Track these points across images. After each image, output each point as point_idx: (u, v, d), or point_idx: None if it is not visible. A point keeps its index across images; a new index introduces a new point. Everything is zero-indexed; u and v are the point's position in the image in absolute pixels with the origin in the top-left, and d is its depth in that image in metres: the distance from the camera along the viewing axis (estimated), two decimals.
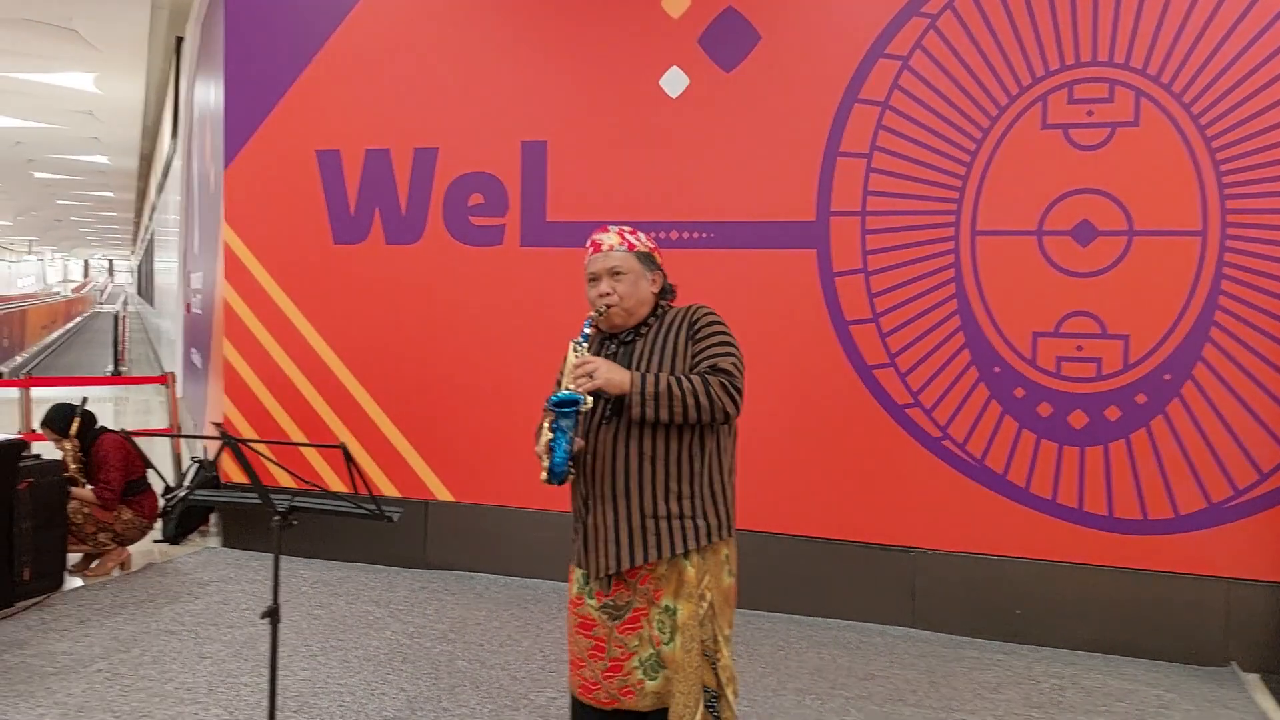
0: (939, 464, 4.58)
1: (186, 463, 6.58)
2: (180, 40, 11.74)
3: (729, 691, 2.47)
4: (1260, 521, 4.18)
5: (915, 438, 4.62)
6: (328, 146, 5.55)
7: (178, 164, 12.42)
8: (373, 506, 2.69)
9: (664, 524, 2.41)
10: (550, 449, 2.34)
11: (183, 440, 7.70)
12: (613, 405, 2.41)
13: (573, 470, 2.44)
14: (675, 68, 4.96)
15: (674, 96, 4.97)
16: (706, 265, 4.91)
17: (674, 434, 2.41)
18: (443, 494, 5.43)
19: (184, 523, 5.91)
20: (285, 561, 5.49)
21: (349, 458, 2.67)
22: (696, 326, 2.48)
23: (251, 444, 2.82)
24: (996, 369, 4.50)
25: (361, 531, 5.44)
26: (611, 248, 2.53)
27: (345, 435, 5.56)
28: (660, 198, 4.99)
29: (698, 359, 2.42)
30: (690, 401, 2.33)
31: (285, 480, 4.07)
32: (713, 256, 4.91)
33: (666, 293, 2.60)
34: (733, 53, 4.87)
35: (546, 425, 2.36)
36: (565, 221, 5.14)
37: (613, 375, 2.34)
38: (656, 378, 2.36)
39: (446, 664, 4.10)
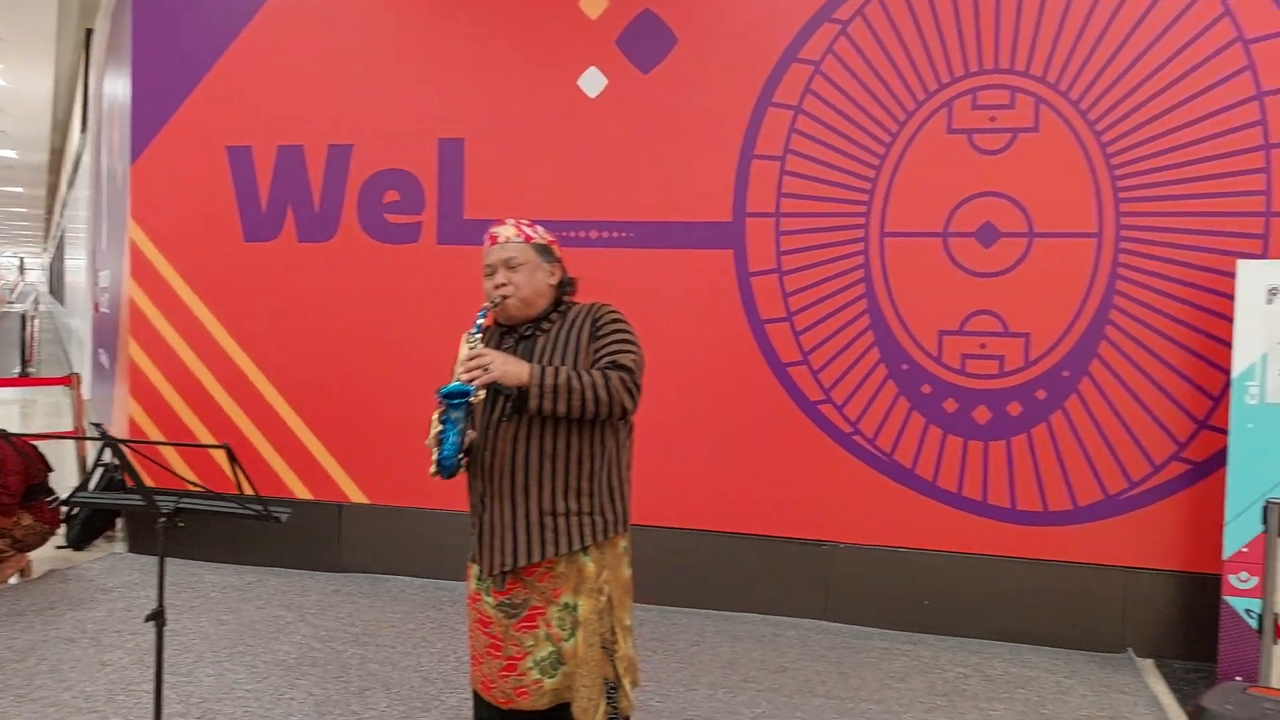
0: (850, 459, 4.67)
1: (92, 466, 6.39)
2: (90, 32, 11.39)
3: (626, 682, 2.48)
4: (1154, 512, 4.35)
5: (827, 433, 4.70)
6: (239, 142, 5.44)
7: (87, 159, 12.06)
8: (260, 507, 2.65)
9: (562, 521, 2.40)
10: (439, 441, 2.32)
11: (88, 443, 7.46)
12: (513, 403, 2.39)
13: (464, 463, 2.41)
14: (593, 68, 4.98)
15: (592, 96, 4.99)
16: (625, 265, 4.94)
17: (574, 431, 2.40)
18: (357, 496, 5.36)
19: (89, 528, 5.74)
20: (193, 566, 5.40)
21: (233, 458, 2.62)
22: (599, 324, 2.46)
23: (132, 444, 2.75)
24: (904, 366, 4.60)
25: (273, 535, 5.32)
26: (508, 239, 2.49)
27: (257, 437, 5.46)
28: (579, 197, 5.00)
29: (599, 355, 2.41)
30: (590, 395, 2.32)
31: (198, 483, 3.98)
32: (631, 256, 4.94)
33: (566, 287, 2.56)
34: (650, 54, 4.91)
35: (436, 416, 2.33)
36: (483, 219, 5.11)
37: (509, 367, 2.30)
38: (556, 370, 2.34)
39: (358, 667, 4.05)
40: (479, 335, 2.41)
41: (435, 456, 2.33)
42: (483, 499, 2.48)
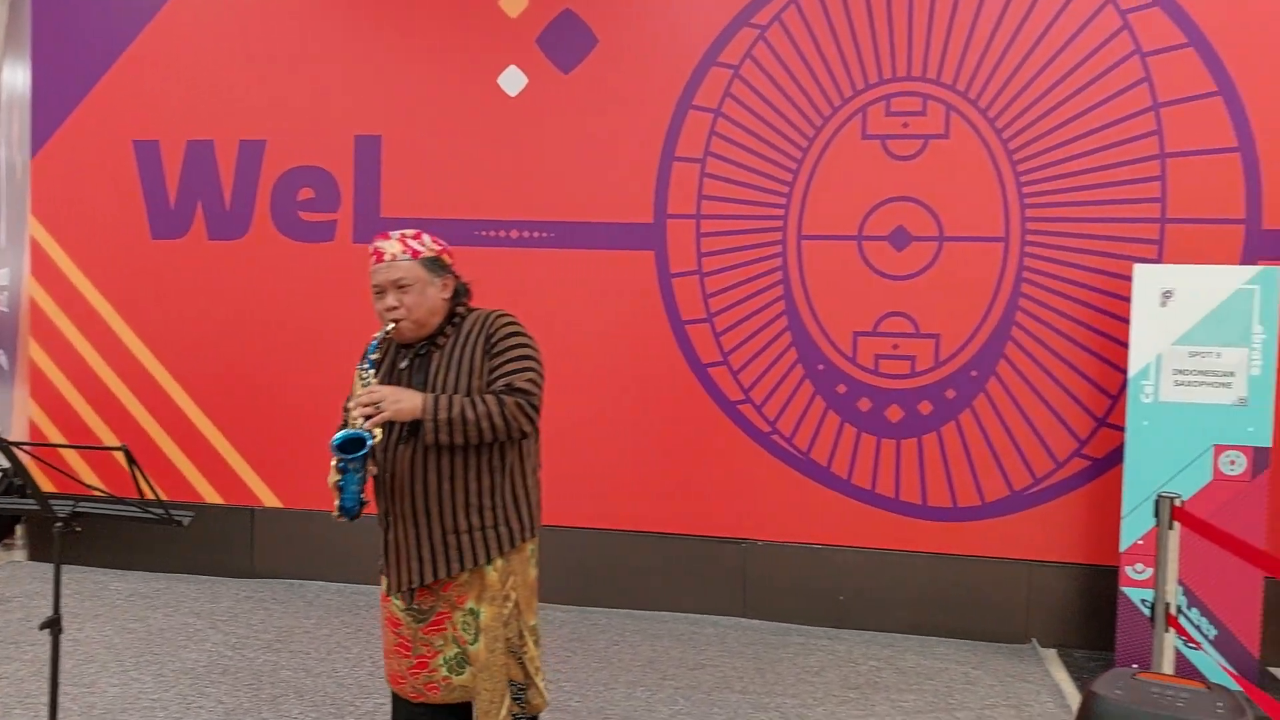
0: (768, 458, 4.74)
1: None
2: None
3: (539, 680, 2.51)
4: (1057, 507, 4.51)
5: (746, 433, 4.76)
6: (146, 136, 5.28)
7: None
8: (161, 510, 2.58)
9: (465, 538, 2.40)
10: (340, 489, 2.30)
11: None
12: (409, 425, 2.37)
13: (366, 501, 2.39)
14: (514, 67, 4.96)
15: (512, 95, 4.97)
16: (546, 265, 4.93)
17: (471, 451, 2.38)
18: (270, 500, 5.24)
19: None
20: (98, 574, 5.23)
21: (131, 459, 2.55)
22: (494, 339, 2.39)
23: (23, 446, 2.66)
24: (821, 366, 4.69)
25: (183, 541, 5.21)
26: (394, 257, 2.40)
27: (166, 442, 5.30)
28: (499, 196, 4.98)
29: (494, 375, 2.36)
30: (485, 425, 2.29)
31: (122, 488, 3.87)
32: (553, 256, 4.93)
33: (461, 295, 2.50)
34: (571, 54, 4.91)
35: (334, 465, 2.29)
36: (401, 218, 5.06)
37: (402, 405, 2.26)
38: (450, 401, 2.29)
39: (270, 674, 3.96)
40: (371, 370, 2.38)
41: (336, 502, 2.32)
42: (387, 517, 2.49)
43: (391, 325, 2.40)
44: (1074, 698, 3.94)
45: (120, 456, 2.56)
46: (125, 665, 4.01)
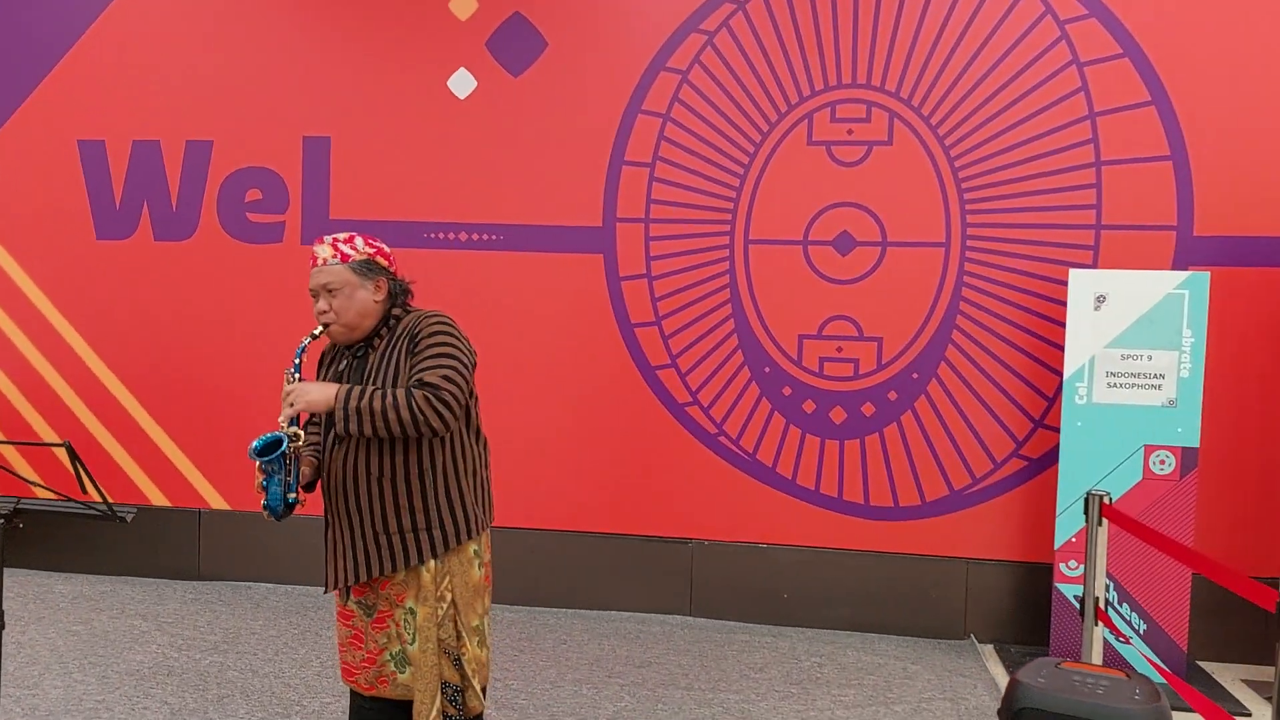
0: (715, 459, 4.81)
1: None
2: None
3: (475, 682, 2.52)
4: (995, 506, 4.63)
5: (694, 434, 4.83)
6: (91, 136, 5.23)
7: None
8: (104, 506, 2.59)
9: (397, 539, 2.42)
10: (263, 489, 2.37)
11: None
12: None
13: (302, 500, 2.45)
14: (463, 69, 4.98)
15: (462, 98, 4.99)
16: (496, 267, 4.96)
17: (399, 451, 2.40)
18: (217, 502, 5.22)
19: None
20: (42, 576, 5.18)
21: (74, 455, 2.56)
22: (418, 339, 2.41)
23: None
24: (767, 369, 4.77)
25: (129, 543, 5.18)
26: (325, 261, 2.43)
27: (111, 444, 5.26)
28: (449, 198, 5.00)
29: (413, 371, 2.38)
30: (392, 416, 2.30)
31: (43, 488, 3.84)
32: (502, 259, 4.96)
33: (397, 296, 2.52)
34: (521, 58, 4.94)
35: (258, 467, 2.36)
36: (350, 220, 5.06)
37: (313, 396, 2.33)
38: (362, 392, 2.33)
39: (216, 675, 3.96)
40: (296, 374, 2.44)
41: (262, 503, 2.39)
42: (326, 515, 2.55)
43: (320, 329, 2.46)
44: None
45: (62, 452, 2.57)
46: (69, 667, 3.98)
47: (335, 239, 2.48)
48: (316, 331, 2.47)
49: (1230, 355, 4.44)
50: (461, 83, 4.98)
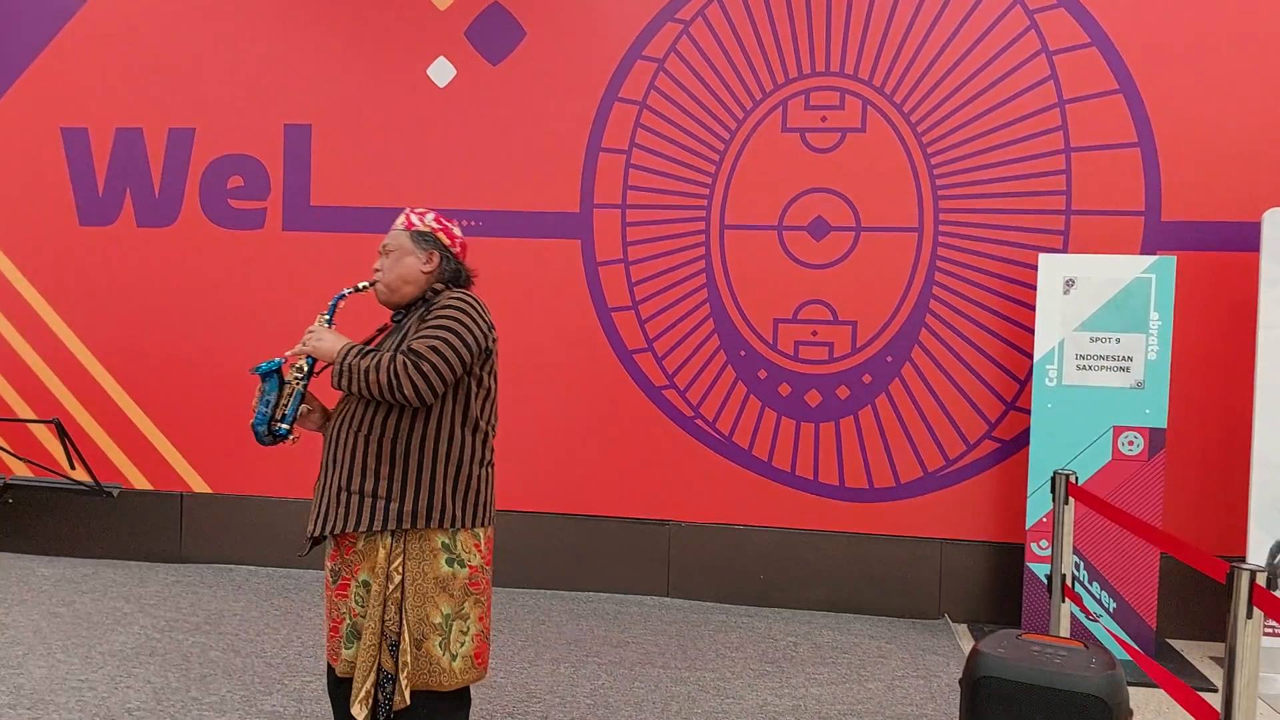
0: (692, 441, 4.87)
1: None
2: None
3: (402, 677, 2.41)
4: (968, 487, 4.70)
5: (670, 417, 4.89)
6: (74, 124, 5.26)
7: None
8: (91, 483, 2.64)
9: (354, 499, 2.41)
10: (253, 408, 2.51)
11: None
12: None
13: (290, 434, 2.52)
14: (442, 58, 5.03)
15: (441, 86, 5.03)
16: (475, 253, 4.93)
17: (382, 414, 2.42)
18: (199, 485, 5.27)
19: None
20: (25, 559, 5.22)
21: (63, 432, 2.61)
22: (431, 311, 2.45)
23: None
24: (742, 353, 4.83)
25: (111, 526, 5.22)
26: (394, 226, 2.60)
27: (94, 428, 5.30)
28: (428, 185, 5.04)
29: (414, 339, 2.41)
30: (371, 378, 2.34)
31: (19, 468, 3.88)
32: (481, 245, 5.01)
33: (447, 275, 2.57)
34: (499, 47, 4.99)
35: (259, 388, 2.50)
36: (330, 206, 5.11)
37: (321, 344, 2.45)
38: (360, 350, 2.40)
39: (199, 655, 4.01)
40: (326, 317, 2.55)
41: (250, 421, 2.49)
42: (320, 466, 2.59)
43: (365, 284, 2.59)
44: None
45: (52, 429, 2.63)
46: (52, 648, 4.02)
47: (413, 209, 2.62)
48: (361, 284, 2.59)
49: (1196, 338, 4.53)
50: (441, 71, 5.02)
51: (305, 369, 2.52)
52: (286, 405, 2.50)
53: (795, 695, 3.81)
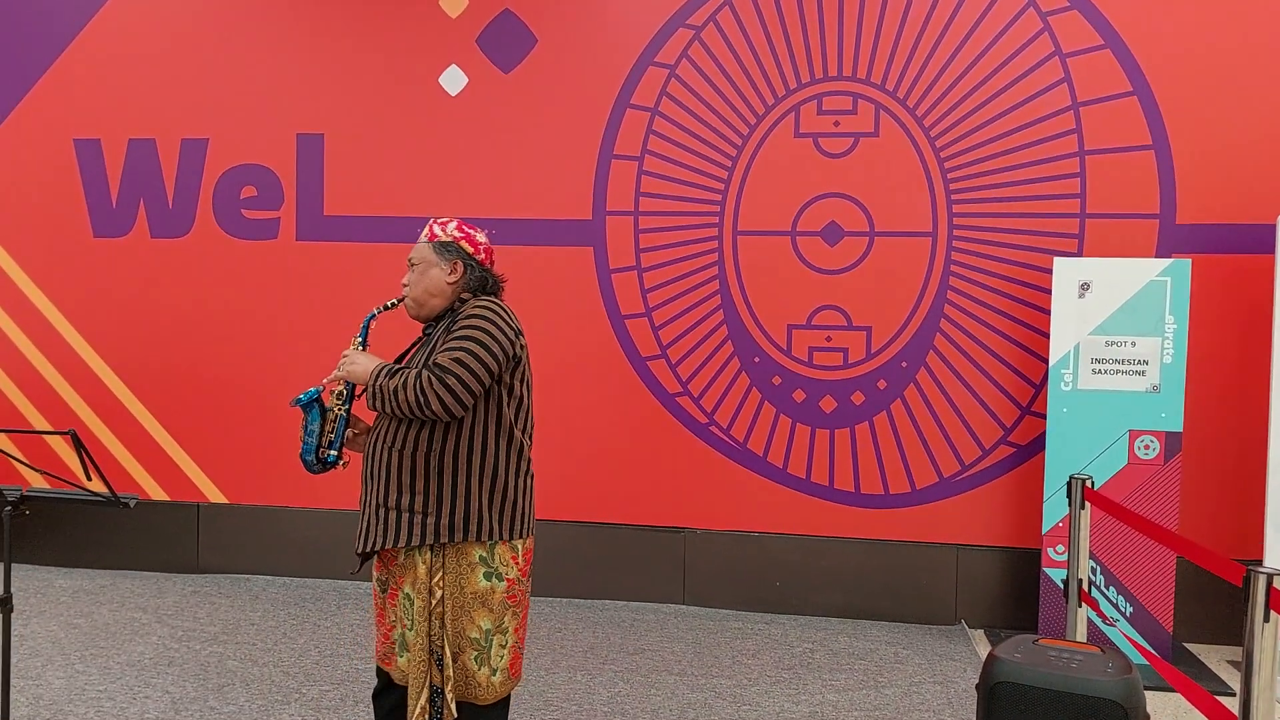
0: (706, 448, 4.87)
1: None
2: None
3: (448, 690, 2.44)
4: (984, 492, 4.69)
5: (685, 424, 4.89)
6: (87, 135, 5.29)
7: None
8: (108, 493, 2.65)
9: (392, 515, 2.43)
10: (302, 441, 2.53)
11: None
12: None
13: (340, 460, 2.57)
14: (454, 66, 5.03)
15: (453, 94, 5.04)
16: None
17: (415, 430, 2.43)
18: (215, 495, 5.28)
19: None
20: (43, 571, 5.24)
21: (79, 444, 2.62)
22: (456, 323, 2.44)
23: None
24: (756, 359, 4.83)
25: (128, 537, 5.24)
26: (419, 239, 2.59)
27: (110, 439, 5.32)
28: (441, 194, 5.05)
29: (440, 352, 2.41)
30: (401, 396, 2.35)
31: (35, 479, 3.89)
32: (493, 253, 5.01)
33: (474, 284, 2.53)
34: (511, 54, 5.00)
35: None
36: (343, 216, 5.12)
37: (355, 368, 2.46)
38: (391, 370, 2.41)
39: (216, 665, 4.02)
40: (359, 339, 2.58)
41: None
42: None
43: (394, 301, 2.61)
44: None
45: (68, 440, 2.64)
46: (71, 659, 4.04)
47: (436, 220, 2.61)
48: (390, 302, 2.61)
49: (1212, 341, 4.50)
50: (452, 79, 5.03)
51: (345, 393, 2.55)
52: (331, 433, 2.54)
53: (812, 702, 3.80)
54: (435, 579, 2.44)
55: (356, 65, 5.10)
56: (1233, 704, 3.80)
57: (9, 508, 2.69)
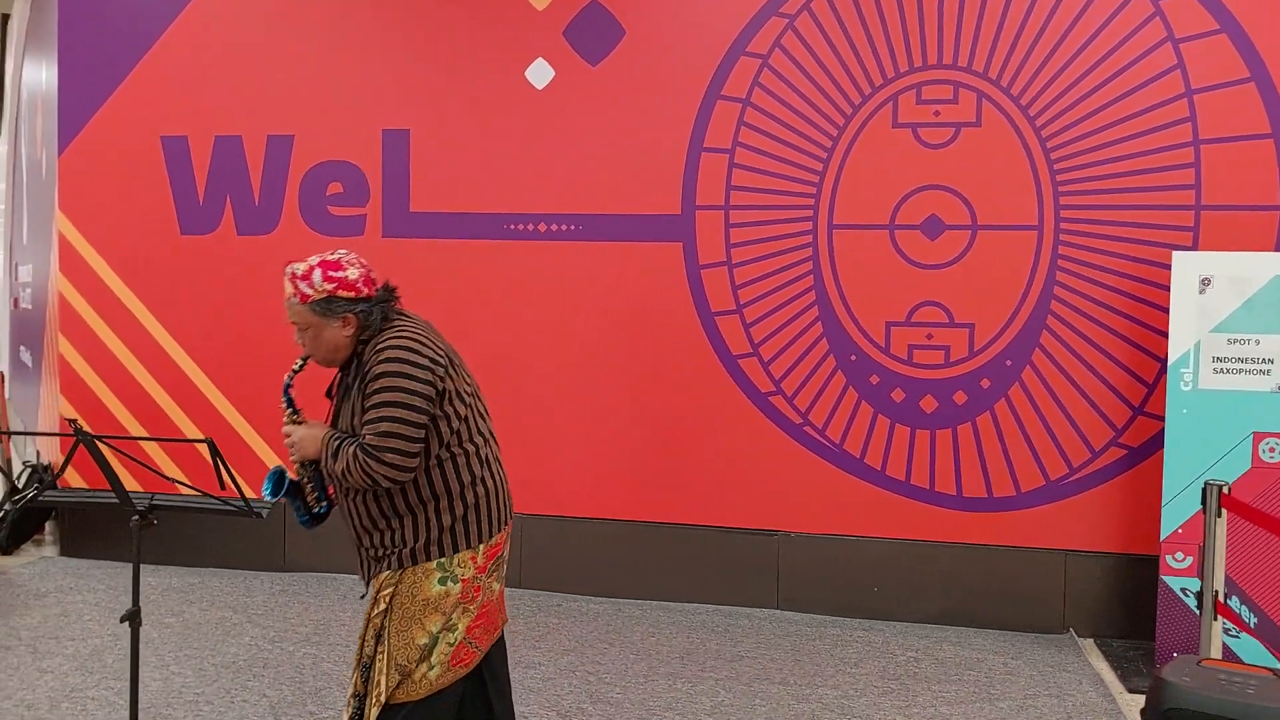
0: (800, 449, 4.73)
1: (18, 467, 6.18)
2: (7, 18, 10.94)
3: (373, 693, 2.42)
4: (1093, 496, 4.49)
5: (778, 424, 4.75)
6: (173, 132, 5.28)
7: (3, 149, 11.56)
8: (241, 503, 2.60)
9: (367, 554, 2.49)
10: (295, 510, 2.60)
11: (11, 444, 7.19)
12: None
13: (332, 507, 2.63)
14: (541, 59, 4.95)
15: (540, 88, 4.96)
16: (574, 258, 4.92)
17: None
18: None
19: (17, 531, 5.53)
20: (130, 569, 5.22)
21: (215, 452, 2.57)
22: (366, 381, 2.36)
23: (107, 440, 2.67)
24: (853, 357, 4.67)
25: (215, 535, 5.22)
26: (289, 297, 2.40)
27: (194, 434, 5.31)
28: (526, 189, 4.97)
29: (362, 427, 2.36)
30: (352, 480, 2.36)
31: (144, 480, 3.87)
32: (580, 249, 4.92)
33: (373, 322, 2.41)
34: (598, 47, 4.89)
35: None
36: (429, 212, 5.06)
37: (307, 448, 2.47)
38: (334, 449, 2.38)
39: (311, 667, 3.97)
40: (287, 407, 2.57)
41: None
42: None
43: (300, 362, 2.55)
44: (1115, 686, 3.92)
45: (204, 449, 2.61)
46: (165, 660, 4.02)
47: (294, 274, 2.38)
48: (297, 365, 2.54)
49: None
50: (539, 73, 4.95)
51: (308, 465, 2.55)
52: (312, 494, 2.58)
53: (924, 714, 3.65)
54: (384, 591, 2.43)
55: (442, 60, 5.03)
56: None
57: (137, 518, 2.65)
